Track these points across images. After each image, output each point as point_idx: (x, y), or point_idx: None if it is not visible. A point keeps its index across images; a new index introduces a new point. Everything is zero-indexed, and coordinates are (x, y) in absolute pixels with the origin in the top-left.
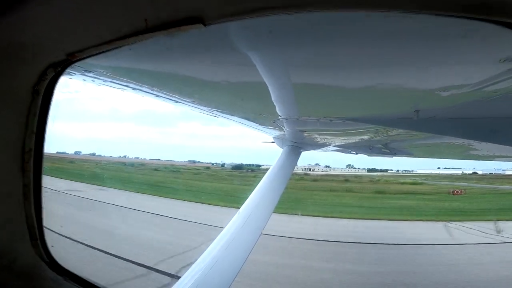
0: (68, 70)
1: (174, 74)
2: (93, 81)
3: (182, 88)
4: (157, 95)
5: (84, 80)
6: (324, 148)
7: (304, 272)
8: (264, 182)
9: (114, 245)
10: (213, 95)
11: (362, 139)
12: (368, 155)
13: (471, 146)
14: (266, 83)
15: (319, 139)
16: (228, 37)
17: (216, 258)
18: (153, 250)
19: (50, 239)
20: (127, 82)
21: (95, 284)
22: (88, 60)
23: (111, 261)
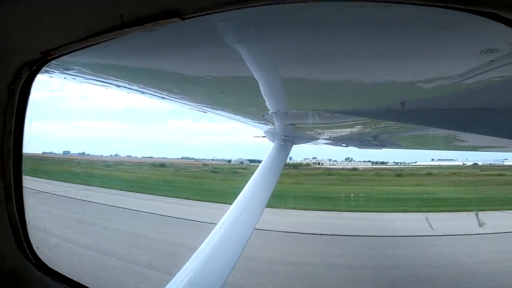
0: (45, 68)
1: (156, 69)
2: (74, 79)
3: (166, 84)
4: (142, 92)
5: (65, 78)
6: (315, 141)
7: None
8: (256, 176)
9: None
10: (199, 90)
11: (351, 131)
12: (358, 148)
13: (456, 137)
14: (252, 77)
15: (309, 132)
16: (207, 31)
17: (209, 255)
18: None
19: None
20: (109, 79)
21: (82, 284)
22: (65, 58)
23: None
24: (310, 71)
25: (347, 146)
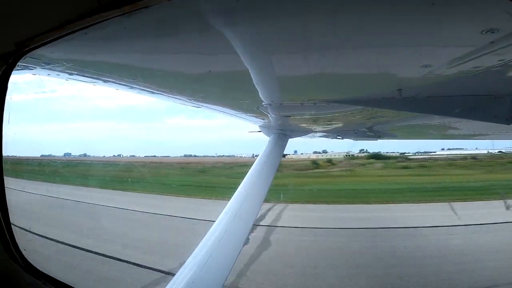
0: (24, 63)
1: (140, 61)
2: (58, 75)
3: (152, 77)
4: (130, 87)
5: (49, 74)
6: (311, 134)
7: None
8: (252, 171)
9: None
10: (188, 82)
11: (346, 122)
12: (354, 139)
13: (451, 126)
14: (244, 66)
15: (304, 125)
16: (194, 15)
17: (209, 252)
18: None
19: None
20: (94, 74)
21: (70, 286)
22: (44, 51)
23: None
24: (303, 60)
25: (342, 138)
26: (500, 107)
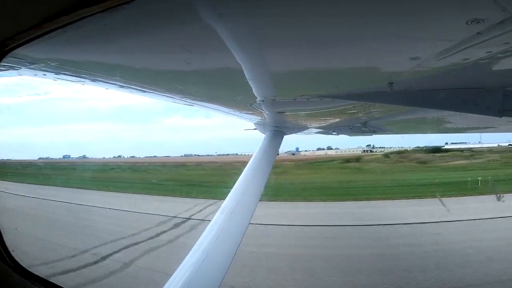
0: (7, 63)
1: (127, 58)
2: (45, 75)
3: (140, 73)
4: (120, 86)
5: (35, 75)
6: (306, 130)
7: None
8: (248, 169)
9: None
10: (178, 79)
11: (341, 118)
12: (349, 135)
13: (444, 119)
14: (235, 61)
15: (299, 121)
16: (186, 6)
17: (206, 251)
18: None
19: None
20: (80, 72)
21: (60, 286)
22: (26, 50)
23: None
24: (294, 55)
25: (337, 134)
26: (492, 99)
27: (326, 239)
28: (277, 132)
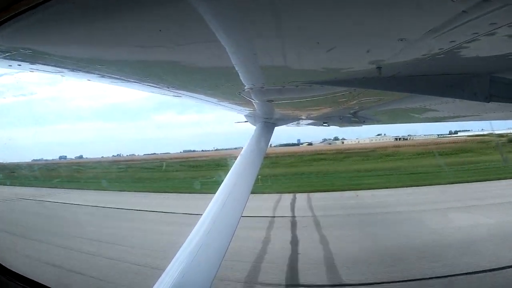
0: None
1: (102, 44)
2: (19, 65)
3: (120, 62)
4: (101, 76)
5: (10, 66)
6: (297, 122)
7: None
8: (239, 161)
9: None
10: (164, 68)
11: (331, 107)
12: (339, 126)
13: (431, 108)
14: (224, 48)
15: (289, 111)
16: None
17: (199, 245)
18: None
19: None
20: (56, 62)
21: (38, 282)
22: None
23: None
24: (281, 39)
25: (328, 125)
26: (479, 85)
27: None
28: (267, 124)
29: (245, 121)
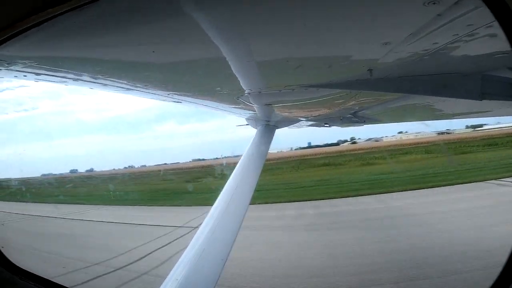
0: None
1: (106, 54)
2: (25, 76)
3: (122, 71)
4: (103, 85)
5: (16, 76)
6: (298, 123)
7: None
8: (241, 164)
9: None
10: (166, 75)
11: (330, 108)
12: (340, 126)
13: (433, 106)
14: (223, 56)
15: (289, 114)
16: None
17: (201, 249)
18: None
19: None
20: (60, 72)
21: (52, 281)
22: (2, 50)
23: None
24: (276, 46)
25: (329, 126)
26: (471, 84)
27: None
28: (268, 126)
29: (246, 124)
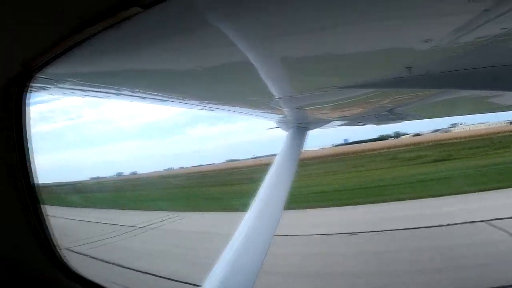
0: (37, 83)
1: (144, 68)
2: (73, 93)
3: (155, 83)
4: (142, 98)
5: (64, 93)
6: (330, 124)
7: None
8: (274, 168)
9: None
10: (198, 85)
11: (365, 107)
12: (376, 124)
13: (491, 96)
14: (244, 60)
15: (321, 115)
16: (196, 10)
17: (237, 253)
18: None
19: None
20: (102, 87)
21: None
22: (51, 69)
23: None
24: (307, 48)
25: (364, 124)
26: None
27: None
28: (300, 128)
29: (277, 127)
